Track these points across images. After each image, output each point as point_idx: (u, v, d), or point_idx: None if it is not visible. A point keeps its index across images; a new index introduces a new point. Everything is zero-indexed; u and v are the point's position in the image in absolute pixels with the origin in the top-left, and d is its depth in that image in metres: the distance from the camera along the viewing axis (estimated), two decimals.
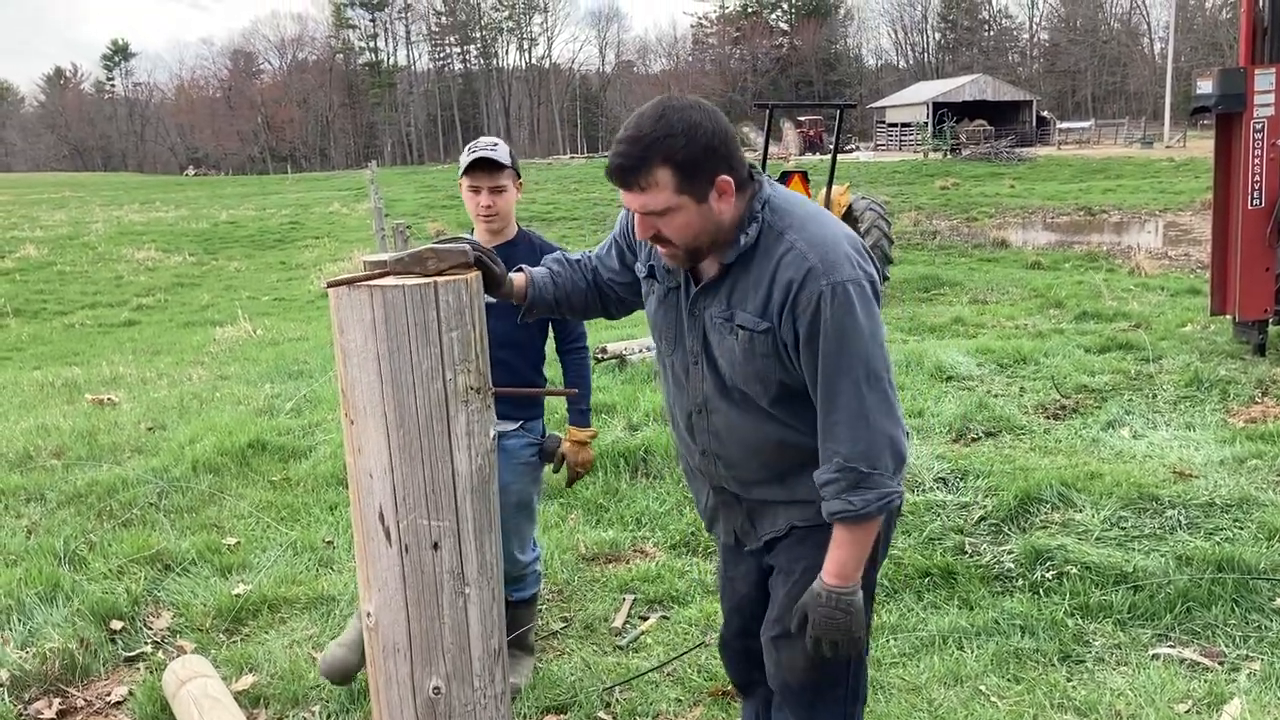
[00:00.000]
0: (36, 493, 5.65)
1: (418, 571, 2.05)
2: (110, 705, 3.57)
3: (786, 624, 2.29)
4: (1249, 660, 3.53)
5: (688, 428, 2.38)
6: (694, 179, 2.03)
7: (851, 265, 2.07)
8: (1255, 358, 7.65)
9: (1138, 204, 27.36)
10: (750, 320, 2.14)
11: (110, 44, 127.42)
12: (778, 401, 2.21)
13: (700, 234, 2.11)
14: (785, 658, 2.36)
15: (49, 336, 13.79)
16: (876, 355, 2.08)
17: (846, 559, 2.15)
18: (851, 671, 2.39)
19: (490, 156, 3.19)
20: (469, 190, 3.27)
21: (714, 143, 2.03)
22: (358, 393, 2.00)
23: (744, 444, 2.29)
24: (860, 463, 2.07)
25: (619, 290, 2.50)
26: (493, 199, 3.25)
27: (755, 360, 2.16)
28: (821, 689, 2.37)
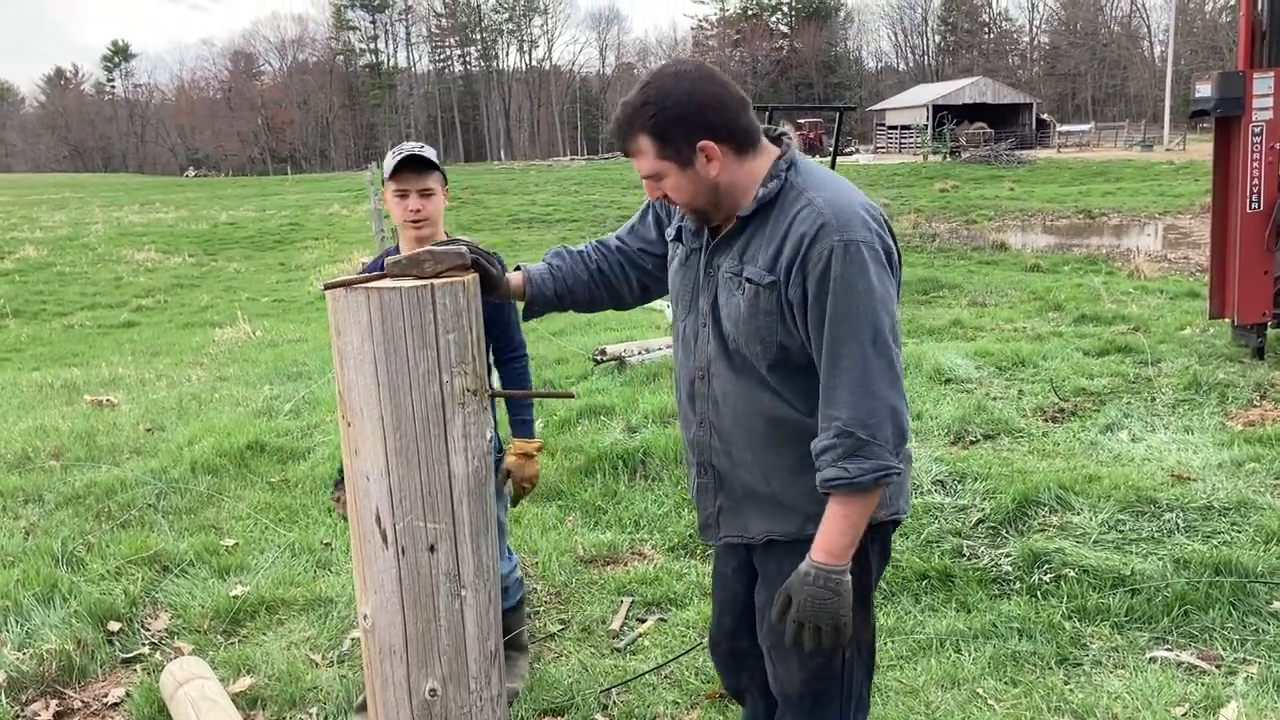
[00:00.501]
0: (35, 494, 5.65)
1: (414, 573, 2.05)
2: (107, 707, 3.57)
3: (779, 632, 2.22)
4: (1246, 664, 3.53)
5: (689, 395, 2.34)
6: (672, 144, 2.07)
7: (867, 228, 2.05)
8: (1254, 361, 7.65)
9: (1137, 207, 27.37)
10: (757, 274, 2.12)
11: (110, 45, 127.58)
12: (775, 368, 2.17)
13: (695, 196, 2.13)
14: (783, 669, 2.35)
15: (48, 337, 13.78)
16: (885, 321, 2.04)
17: (837, 534, 2.08)
18: (852, 678, 2.37)
19: (419, 154, 3.04)
20: (395, 195, 3.08)
21: (688, 110, 2.05)
22: (355, 395, 2.01)
23: (737, 413, 2.25)
24: (859, 429, 2.02)
25: (650, 264, 2.46)
26: (421, 203, 3.07)
27: (758, 317, 2.13)
28: (820, 698, 2.35)
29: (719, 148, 2.09)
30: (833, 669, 2.32)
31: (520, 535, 4.82)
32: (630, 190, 37.98)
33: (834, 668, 2.32)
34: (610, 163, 64.16)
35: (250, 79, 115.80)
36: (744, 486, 2.32)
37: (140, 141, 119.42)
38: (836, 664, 2.32)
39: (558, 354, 8.84)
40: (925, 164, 46.62)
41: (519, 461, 3.25)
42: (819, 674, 2.32)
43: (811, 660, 2.27)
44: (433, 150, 3.13)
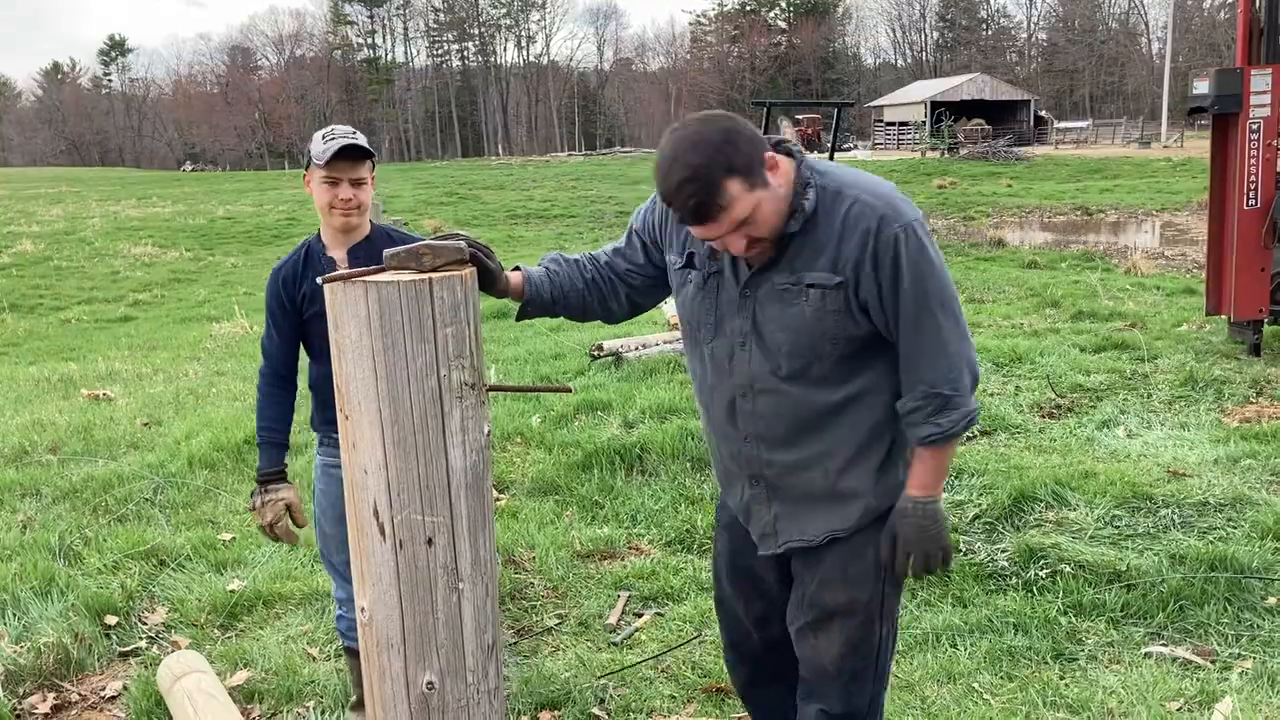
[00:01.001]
0: (32, 488, 5.66)
1: (412, 567, 2.05)
2: (105, 700, 3.58)
3: (826, 607, 2.35)
4: (1241, 659, 3.54)
5: (729, 415, 2.36)
6: (756, 170, 2.09)
7: (910, 207, 2.20)
8: (1250, 357, 7.66)
9: (1135, 204, 27.38)
10: (823, 277, 2.18)
11: (107, 39, 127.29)
12: (843, 360, 2.25)
13: (778, 214, 2.16)
14: (824, 640, 2.39)
15: (45, 332, 13.76)
16: (947, 285, 2.20)
17: (929, 473, 2.27)
18: (885, 655, 2.44)
19: (356, 143, 2.90)
20: (324, 183, 2.91)
21: (744, 133, 2.10)
22: (352, 388, 2.01)
23: (791, 419, 2.29)
24: (944, 387, 2.19)
25: (638, 282, 2.48)
26: (354, 192, 2.92)
27: (825, 319, 2.20)
28: (856, 676, 2.41)
29: (775, 156, 2.16)
30: (870, 644, 2.38)
31: (517, 530, 4.83)
32: (627, 186, 37.99)
33: (871, 644, 2.39)
34: (608, 158, 64.14)
35: (247, 74, 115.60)
36: (801, 490, 2.35)
37: (137, 136, 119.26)
38: (873, 639, 2.38)
39: (555, 349, 8.84)
40: (923, 160, 46.60)
41: None
42: (857, 649, 2.38)
43: (853, 633, 2.36)
44: (364, 136, 3.00)
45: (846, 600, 2.35)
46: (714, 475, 2.56)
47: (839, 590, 2.35)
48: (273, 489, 3.04)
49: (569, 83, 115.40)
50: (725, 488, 2.54)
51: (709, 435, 2.49)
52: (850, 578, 2.34)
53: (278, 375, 3.09)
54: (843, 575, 2.35)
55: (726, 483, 2.51)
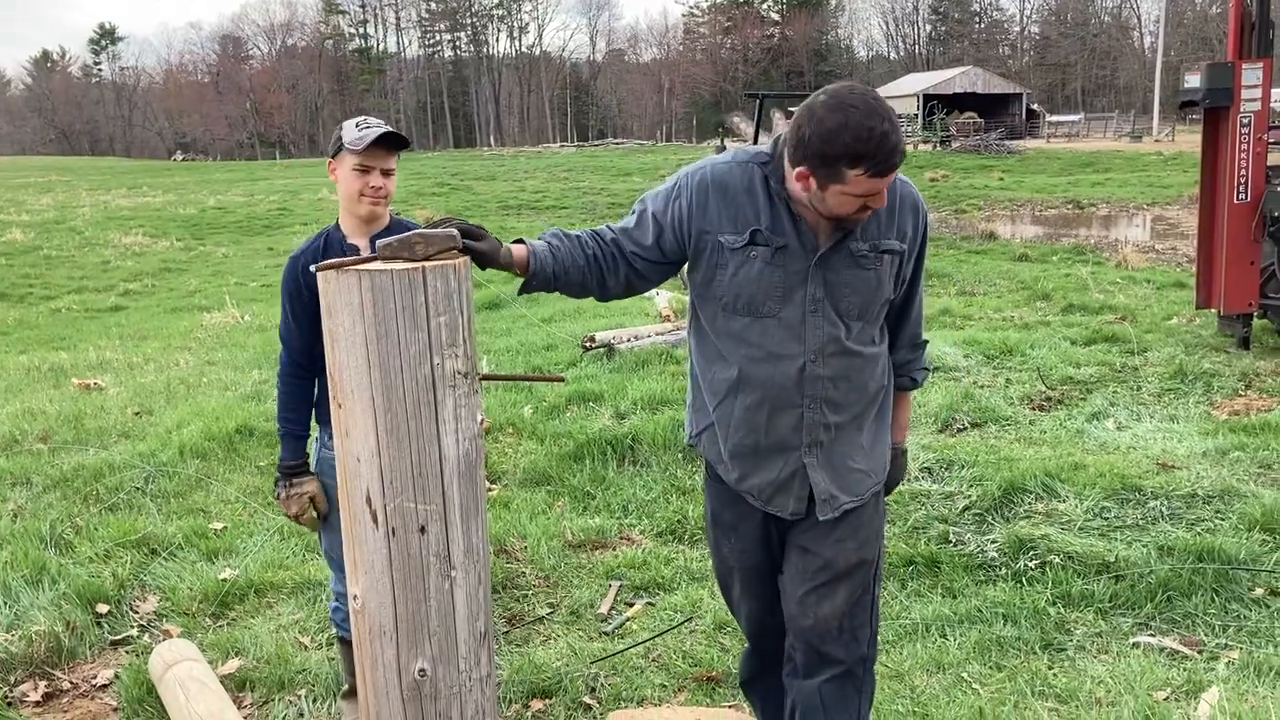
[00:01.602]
0: (23, 477, 5.64)
1: (405, 554, 2.06)
2: (96, 688, 3.58)
3: (837, 566, 2.49)
4: (1228, 649, 3.57)
5: (798, 382, 2.41)
6: None
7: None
8: (1239, 351, 7.70)
9: (1126, 197, 27.43)
10: (894, 244, 2.43)
11: (97, 27, 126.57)
12: (878, 326, 2.52)
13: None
14: (828, 605, 2.50)
15: (35, 321, 13.71)
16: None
17: (907, 417, 2.75)
18: (877, 611, 2.63)
19: (397, 133, 2.92)
20: (355, 170, 2.91)
21: None
22: (346, 376, 2.01)
23: (852, 380, 2.46)
24: (923, 345, 2.65)
25: (640, 265, 2.50)
26: (384, 181, 2.94)
27: (885, 284, 2.44)
28: (856, 631, 2.54)
29: None
30: (865, 603, 2.55)
31: (509, 520, 4.83)
32: (619, 178, 37.95)
33: (866, 602, 2.55)
34: (599, 150, 64.06)
35: (238, 63, 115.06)
36: (846, 450, 2.50)
37: (127, 125, 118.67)
38: (868, 598, 2.55)
39: (546, 340, 8.84)
40: (915, 153, 46.60)
41: None
42: (857, 606, 2.53)
43: (856, 590, 2.52)
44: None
45: (857, 561, 2.51)
46: (731, 465, 2.52)
47: (852, 551, 2.50)
48: (297, 482, 3.07)
49: (561, 74, 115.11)
50: (752, 470, 2.51)
51: (755, 413, 2.45)
52: (862, 539, 2.51)
53: (297, 365, 3.09)
54: (855, 536, 2.51)
55: (762, 461, 2.49)
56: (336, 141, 2.94)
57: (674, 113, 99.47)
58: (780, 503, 2.50)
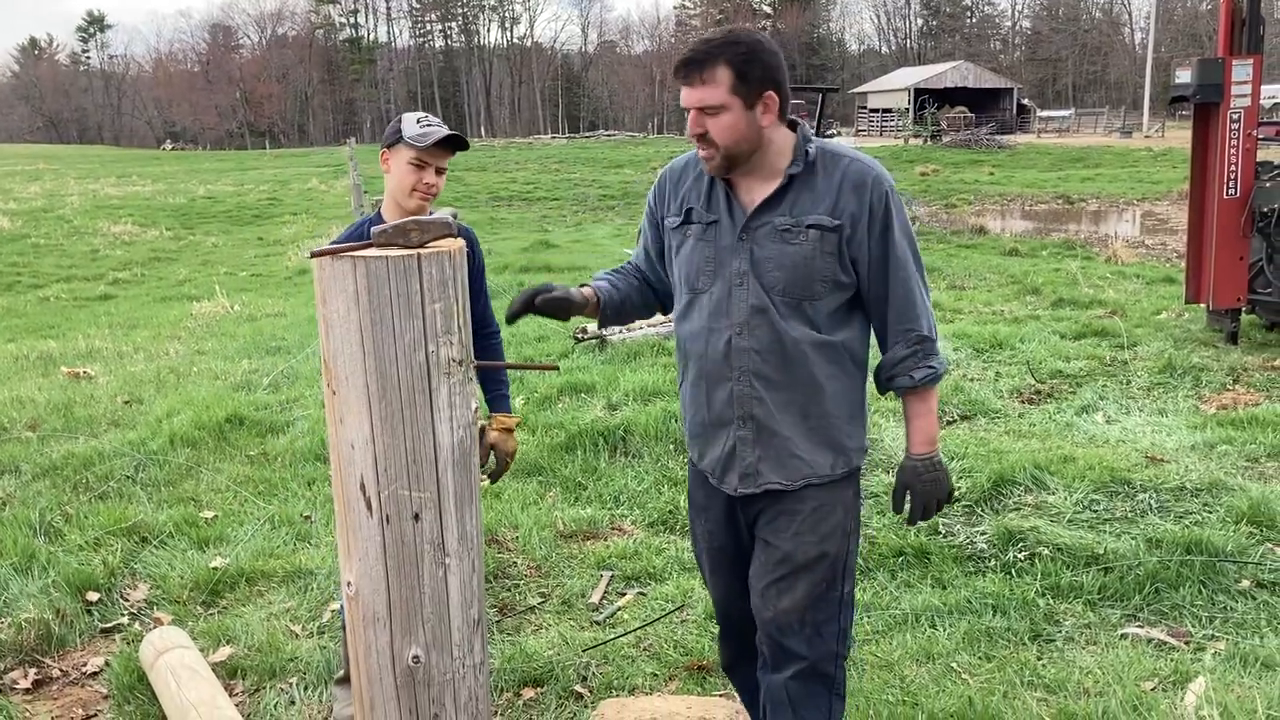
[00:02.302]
0: (11, 465, 5.63)
1: (398, 542, 2.06)
2: (87, 676, 3.57)
3: (796, 560, 2.47)
4: (1215, 640, 3.60)
5: (725, 354, 2.47)
6: (747, 84, 2.32)
7: (889, 175, 2.44)
8: (1228, 346, 7.74)
9: (1116, 193, 27.52)
10: (823, 220, 2.38)
11: (86, 15, 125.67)
12: (833, 312, 2.44)
13: (741, 140, 2.36)
14: (788, 599, 2.48)
15: (23, 309, 13.64)
16: (916, 247, 2.47)
17: (929, 425, 2.52)
18: (846, 610, 2.55)
19: (459, 134, 2.95)
20: (412, 164, 2.93)
21: (771, 63, 2.35)
22: (340, 363, 2.01)
23: (781, 354, 2.43)
24: (929, 332, 2.46)
25: (662, 271, 2.71)
26: (436, 179, 2.98)
27: (817, 260, 2.39)
28: (820, 628, 2.49)
29: (777, 103, 2.37)
30: (831, 600, 2.50)
31: (501, 510, 4.84)
32: (610, 170, 37.92)
33: (832, 599, 2.50)
34: (591, 142, 63.95)
35: (228, 52, 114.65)
36: (786, 431, 2.47)
37: (116, 114, 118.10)
38: (835, 594, 2.50)
39: (539, 331, 8.84)
40: (906, 147, 46.70)
41: (502, 435, 3.22)
42: (819, 603, 2.48)
43: (816, 586, 2.48)
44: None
45: (816, 555, 2.47)
46: (691, 445, 2.65)
47: (811, 544, 2.48)
48: None
49: (553, 65, 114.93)
50: (705, 446, 2.59)
51: (697, 389, 2.55)
52: (823, 533, 2.48)
53: None
54: (816, 530, 2.48)
55: (710, 437, 2.56)
56: (395, 133, 2.96)
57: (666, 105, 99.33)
58: (729, 480, 2.55)
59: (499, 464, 3.25)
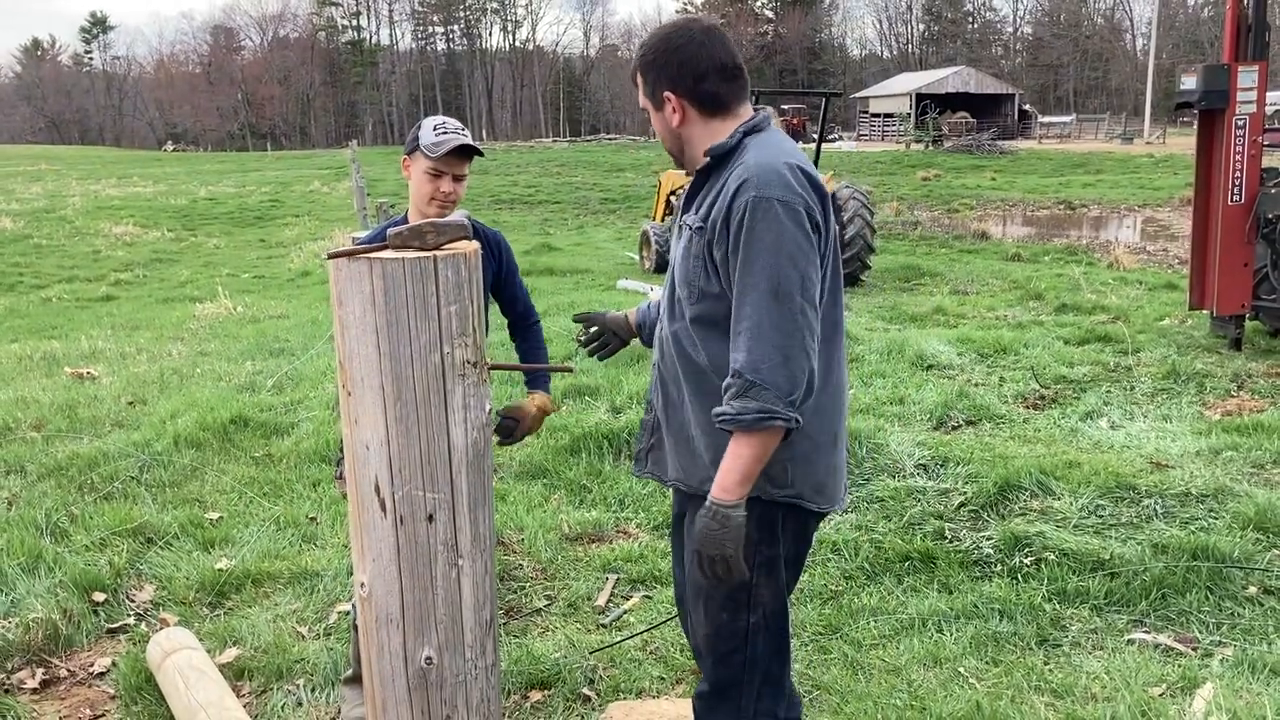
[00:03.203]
0: (16, 465, 5.63)
1: (412, 543, 2.06)
2: (94, 676, 3.57)
3: (696, 585, 2.40)
4: (1222, 646, 3.59)
5: (658, 338, 2.51)
6: (648, 86, 2.35)
7: (785, 187, 2.15)
8: (1231, 352, 7.74)
9: (1117, 199, 27.53)
10: (694, 220, 2.29)
11: (89, 16, 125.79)
12: (697, 320, 2.31)
13: (664, 138, 2.40)
14: (695, 618, 2.47)
15: (25, 310, 13.64)
16: (792, 275, 2.12)
17: (727, 471, 2.18)
18: (755, 646, 2.40)
19: (471, 144, 2.96)
20: (428, 173, 2.94)
21: (661, 60, 2.30)
22: (356, 364, 2.01)
23: (670, 356, 2.41)
24: (749, 372, 2.11)
25: None
26: (455, 186, 2.99)
27: (689, 260, 2.30)
28: (723, 659, 2.42)
29: (680, 102, 2.31)
30: (735, 629, 2.39)
31: (506, 512, 4.84)
32: (612, 173, 37.95)
33: (737, 629, 2.38)
34: (593, 145, 64.01)
35: (230, 54, 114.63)
36: (670, 429, 2.45)
37: (118, 115, 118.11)
38: (740, 625, 2.38)
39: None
40: (907, 152, 46.73)
41: (538, 416, 3.26)
42: (721, 631, 2.40)
43: (717, 614, 2.38)
44: (469, 133, 3.03)
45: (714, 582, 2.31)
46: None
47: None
48: None
49: (554, 68, 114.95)
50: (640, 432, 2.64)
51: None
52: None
53: None
54: (690, 527, 2.40)
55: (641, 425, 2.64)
56: (413, 140, 2.98)
57: None
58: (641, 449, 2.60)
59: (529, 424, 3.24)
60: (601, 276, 14.03)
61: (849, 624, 3.82)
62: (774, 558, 2.38)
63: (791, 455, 2.28)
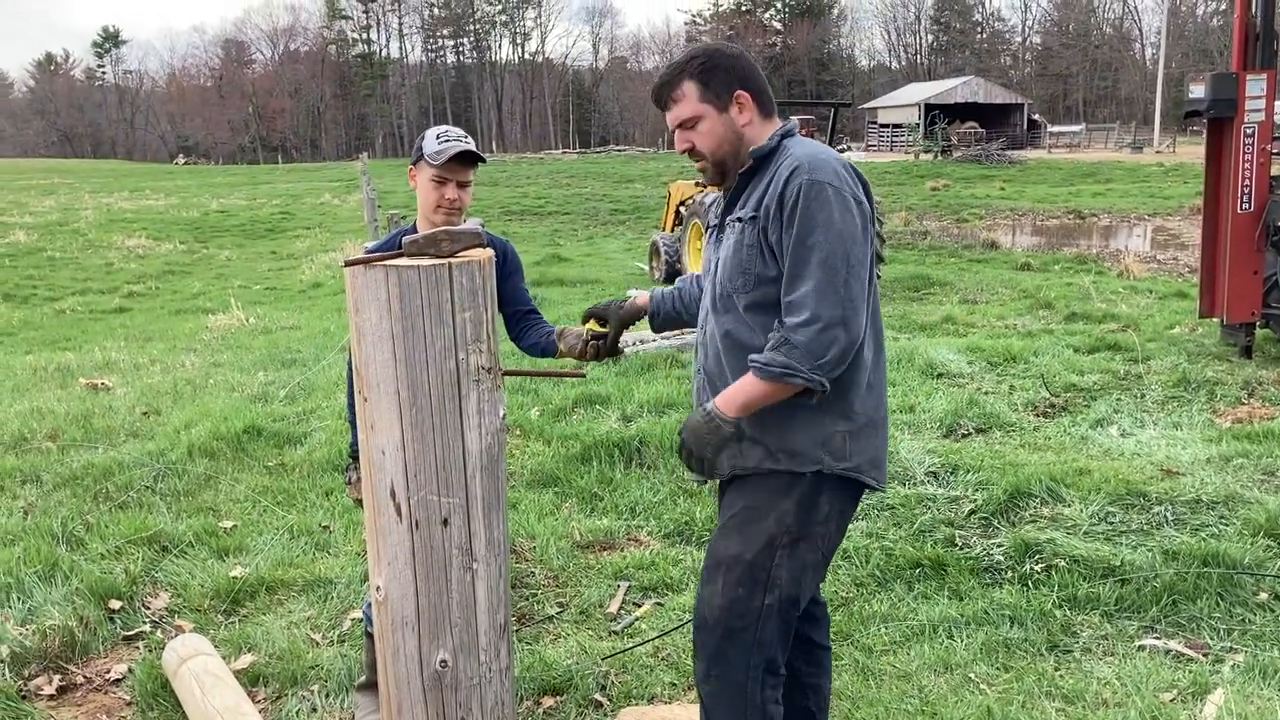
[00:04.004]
0: (32, 474, 5.67)
1: (427, 547, 2.09)
2: (110, 682, 3.60)
3: (717, 555, 2.46)
4: (1233, 652, 3.60)
5: (696, 347, 2.61)
6: (713, 88, 2.44)
7: (836, 175, 2.32)
8: (1242, 360, 7.73)
9: (1127, 208, 27.50)
10: (747, 213, 2.41)
11: (101, 31, 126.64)
12: (752, 306, 2.41)
13: (723, 142, 2.46)
14: (707, 590, 2.48)
15: (40, 322, 13.74)
16: (838, 250, 2.27)
17: (735, 392, 2.35)
18: (764, 626, 2.44)
19: (473, 150, 3.00)
20: (433, 182, 2.99)
21: (732, 65, 2.45)
22: (372, 370, 2.04)
23: (719, 351, 2.47)
24: (790, 332, 2.27)
25: None
26: (459, 193, 3.03)
27: (743, 250, 2.40)
28: (731, 635, 2.44)
29: (751, 101, 2.45)
30: (750, 608, 2.42)
31: (518, 520, 4.86)
32: (621, 184, 38.03)
33: (751, 607, 2.42)
34: (602, 156, 64.15)
35: (241, 67, 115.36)
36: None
37: (130, 128, 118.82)
38: (755, 604, 2.42)
39: None
40: (916, 163, 46.73)
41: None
42: (735, 607, 2.43)
43: (734, 588, 2.42)
44: (472, 140, 3.06)
45: (735, 553, 2.43)
46: None
47: (733, 541, 2.45)
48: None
49: (564, 80, 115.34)
50: None
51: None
52: (746, 534, 2.43)
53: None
54: (739, 529, 2.45)
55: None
56: (418, 151, 3.03)
57: None
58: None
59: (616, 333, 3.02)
60: (611, 287, 14.06)
61: (860, 630, 3.83)
62: (799, 539, 2.43)
63: (851, 429, 2.41)
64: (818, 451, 2.38)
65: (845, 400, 2.39)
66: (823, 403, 2.35)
